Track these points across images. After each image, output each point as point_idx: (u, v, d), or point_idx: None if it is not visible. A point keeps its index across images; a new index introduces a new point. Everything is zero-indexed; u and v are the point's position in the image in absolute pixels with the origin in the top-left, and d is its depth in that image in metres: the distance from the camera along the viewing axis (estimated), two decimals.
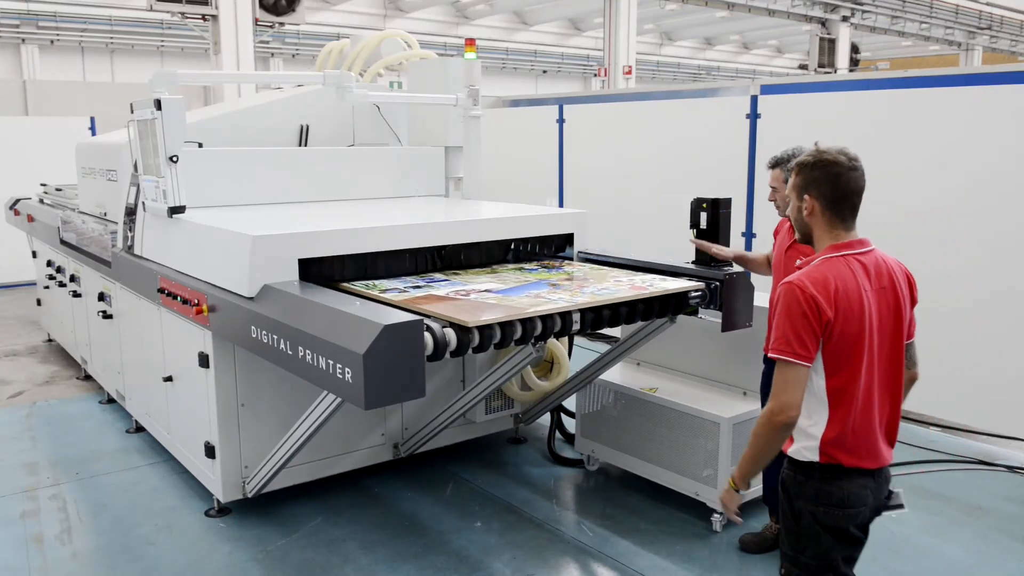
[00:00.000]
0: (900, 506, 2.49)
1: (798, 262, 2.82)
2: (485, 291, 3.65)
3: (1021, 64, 22.15)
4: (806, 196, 2.43)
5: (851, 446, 2.36)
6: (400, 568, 3.82)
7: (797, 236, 2.57)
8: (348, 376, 2.89)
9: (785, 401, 2.27)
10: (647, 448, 4.35)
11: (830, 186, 2.39)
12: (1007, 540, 3.98)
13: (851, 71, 20.88)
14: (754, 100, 6.13)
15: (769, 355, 2.34)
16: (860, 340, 2.33)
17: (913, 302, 2.49)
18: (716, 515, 4.04)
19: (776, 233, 3.92)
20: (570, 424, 5.09)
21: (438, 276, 4.06)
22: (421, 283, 3.84)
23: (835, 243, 2.41)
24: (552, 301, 3.47)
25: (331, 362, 2.98)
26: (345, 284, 3.79)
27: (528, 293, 3.61)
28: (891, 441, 2.46)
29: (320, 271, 3.87)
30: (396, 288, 3.69)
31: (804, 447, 2.40)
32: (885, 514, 2.50)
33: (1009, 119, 4.81)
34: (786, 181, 3.62)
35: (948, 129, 5.09)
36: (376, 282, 3.86)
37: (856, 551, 2.47)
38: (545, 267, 4.33)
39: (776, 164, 3.74)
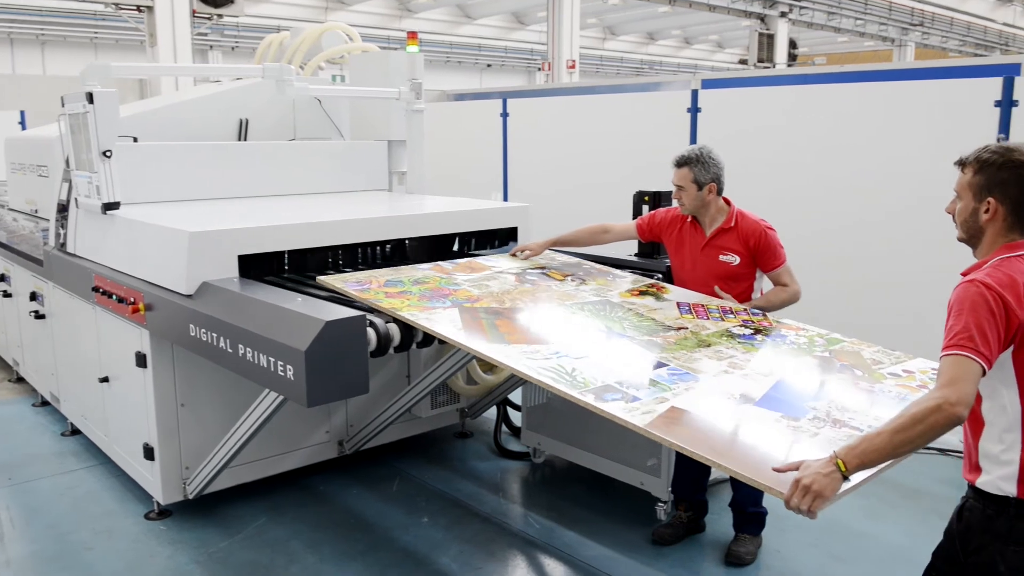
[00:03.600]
0: None
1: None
2: (740, 395, 2.66)
3: (951, 60, 22.83)
4: (990, 199, 2.16)
5: None
6: (346, 566, 3.78)
7: (960, 235, 2.28)
8: (290, 373, 2.86)
9: (966, 392, 1.92)
10: (592, 439, 4.38)
11: (1020, 189, 2.13)
12: (942, 522, 4.09)
13: (789, 66, 21.27)
14: (694, 94, 6.21)
15: (946, 352, 2.00)
16: None
17: None
18: (660, 504, 4.09)
19: (658, 225, 3.92)
20: (516, 417, 5.11)
21: (657, 355, 2.97)
22: (666, 381, 2.74)
23: (1009, 244, 2.16)
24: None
25: (272, 360, 2.94)
26: (564, 391, 2.63)
27: (811, 408, 2.58)
28: None
29: (261, 267, 3.82)
30: (617, 396, 2.61)
31: (999, 478, 2.09)
32: None
33: (939, 112, 4.95)
34: (695, 181, 3.66)
35: (882, 121, 5.23)
36: (579, 372, 2.75)
37: None
38: (746, 326, 3.35)
39: (685, 163, 3.68)
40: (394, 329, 3.14)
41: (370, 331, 3.03)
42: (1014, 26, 29.18)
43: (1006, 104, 4.65)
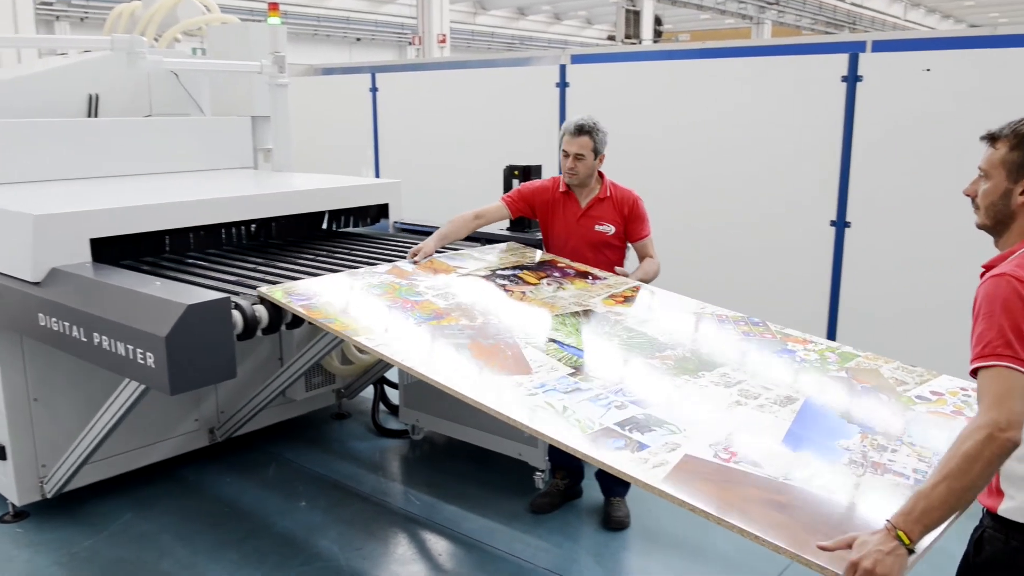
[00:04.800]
0: None
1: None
2: (760, 433, 2.33)
3: (804, 37, 23.97)
4: None
5: None
6: (221, 557, 3.68)
7: (981, 221, 1.96)
8: (151, 361, 2.73)
9: (1016, 411, 1.64)
10: (470, 413, 4.38)
11: None
12: None
13: (655, 42, 21.80)
14: (563, 69, 6.28)
15: (980, 363, 1.73)
16: None
17: None
18: (538, 473, 4.17)
19: (528, 198, 3.90)
20: (394, 396, 5.08)
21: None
22: (674, 420, 2.37)
23: None
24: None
25: (131, 347, 2.80)
26: None
27: (845, 449, 2.26)
28: None
29: (116, 251, 3.62)
30: (620, 442, 2.24)
31: None
32: None
33: (792, 87, 5.19)
34: (594, 149, 3.72)
35: (741, 96, 5.43)
36: (572, 411, 2.39)
37: None
38: (747, 337, 3.07)
39: (588, 132, 3.68)
40: (261, 311, 3.05)
41: (236, 313, 2.93)
42: (861, 6, 30.84)
43: (852, 79, 4.91)
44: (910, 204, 4.75)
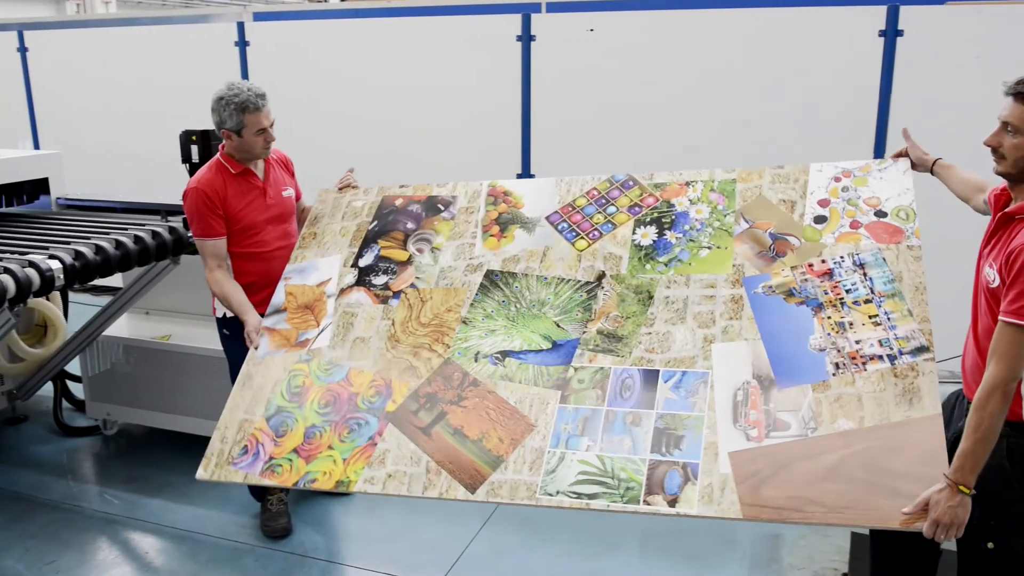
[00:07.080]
0: None
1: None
2: (755, 379, 2.32)
3: None
4: None
5: None
6: None
7: (1005, 170, 2.04)
8: None
9: (1019, 369, 1.92)
10: (168, 399, 4.14)
11: None
12: None
13: (342, 0, 21.45)
14: (241, 27, 5.97)
15: (1010, 319, 1.91)
16: None
17: None
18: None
19: (217, 204, 3.22)
20: (78, 390, 4.62)
21: None
22: (682, 406, 2.31)
23: None
24: None
25: None
26: None
27: (818, 350, 2.33)
28: None
29: None
30: (676, 474, 2.17)
31: None
32: None
33: (475, 45, 5.36)
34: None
35: (425, 53, 5.52)
36: (610, 463, 2.24)
37: None
38: (638, 218, 2.79)
39: (266, 96, 3.16)
40: None
41: None
42: None
43: (526, 38, 5.17)
44: (584, 156, 5.13)
